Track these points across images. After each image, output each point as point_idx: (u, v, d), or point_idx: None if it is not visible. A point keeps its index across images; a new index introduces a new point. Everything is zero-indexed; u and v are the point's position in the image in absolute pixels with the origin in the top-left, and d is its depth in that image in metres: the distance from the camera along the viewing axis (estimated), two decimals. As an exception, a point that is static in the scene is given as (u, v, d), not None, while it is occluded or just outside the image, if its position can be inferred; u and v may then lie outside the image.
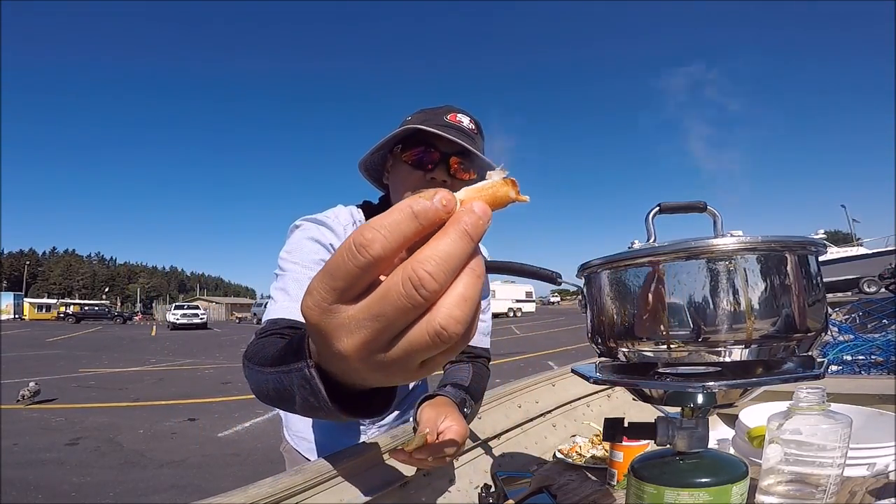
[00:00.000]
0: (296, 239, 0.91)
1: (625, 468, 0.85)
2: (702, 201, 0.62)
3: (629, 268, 0.52)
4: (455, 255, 0.24)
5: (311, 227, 0.92)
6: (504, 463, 1.02)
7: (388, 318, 0.25)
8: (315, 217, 0.94)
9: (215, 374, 9.26)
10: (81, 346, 16.17)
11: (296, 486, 0.67)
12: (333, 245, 0.90)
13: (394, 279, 0.24)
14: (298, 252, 0.88)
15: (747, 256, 0.48)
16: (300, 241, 0.89)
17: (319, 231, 0.91)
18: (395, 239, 0.24)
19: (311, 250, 0.88)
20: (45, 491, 3.45)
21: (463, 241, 0.25)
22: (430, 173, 0.90)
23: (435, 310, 0.25)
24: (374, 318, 0.25)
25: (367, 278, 0.25)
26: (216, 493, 0.61)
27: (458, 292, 0.25)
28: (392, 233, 0.24)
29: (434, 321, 0.24)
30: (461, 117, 0.93)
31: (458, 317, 0.25)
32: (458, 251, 0.24)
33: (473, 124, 0.95)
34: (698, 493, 0.51)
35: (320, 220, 0.93)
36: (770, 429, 0.64)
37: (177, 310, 30.70)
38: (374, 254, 0.24)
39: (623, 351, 0.54)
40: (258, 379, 0.56)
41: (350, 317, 0.26)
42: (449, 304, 0.25)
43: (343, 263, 0.25)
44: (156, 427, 5.25)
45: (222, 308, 58.73)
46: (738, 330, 0.47)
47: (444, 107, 0.96)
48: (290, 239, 0.92)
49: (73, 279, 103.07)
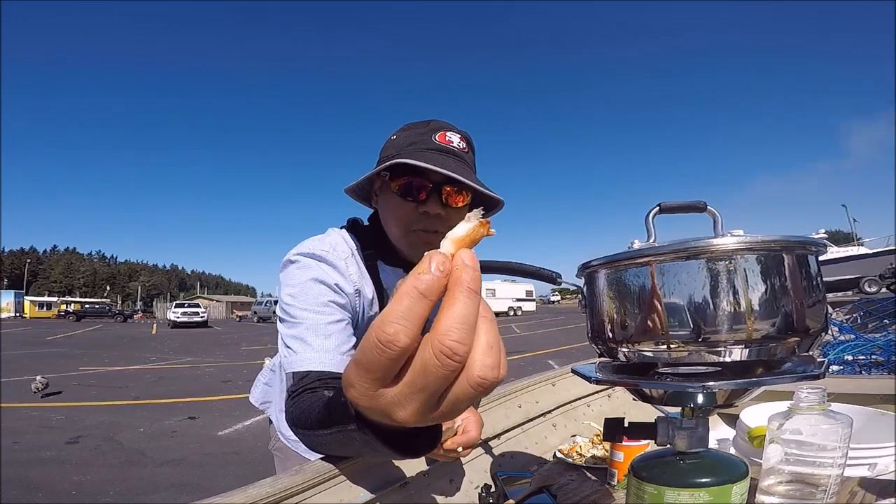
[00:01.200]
0: (298, 280, 0.84)
1: (625, 468, 0.85)
2: (702, 201, 0.62)
3: (629, 268, 0.52)
4: (470, 315, 0.27)
5: (313, 266, 0.85)
6: (504, 463, 1.02)
7: (432, 388, 0.28)
8: (313, 252, 0.87)
9: (216, 373, 9.27)
10: (82, 344, 16.19)
11: (296, 486, 0.67)
12: (339, 285, 0.84)
13: (426, 355, 0.27)
14: (305, 297, 0.82)
15: (747, 256, 0.47)
16: (304, 283, 0.83)
17: (322, 270, 0.85)
18: (414, 325, 0.27)
19: (319, 293, 0.83)
20: (45, 489, 3.45)
21: (471, 300, 0.28)
22: (423, 206, 0.84)
23: (470, 365, 0.28)
24: (421, 391, 0.29)
25: (400, 364, 0.28)
26: (216, 492, 0.62)
27: (484, 342, 0.28)
28: (411, 321, 0.27)
29: (473, 375, 0.28)
30: (451, 136, 0.87)
31: (490, 364, 0.28)
32: (470, 310, 0.27)
33: (464, 142, 0.89)
34: (699, 493, 0.51)
35: (318, 255, 0.86)
36: (770, 429, 0.64)
37: (177, 308, 30.62)
38: (402, 346, 0.27)
39: (623, 351, 0.54)
40: (316, 441, 0.65)
41: (398, 394, 0.29)
42: (481, 356, 0.28)
43: (376, 359, 0.28)
44: (156, 425, 5.26)
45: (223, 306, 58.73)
46: (738, 330, 0.47)
47: (431, 123, 0.89)
48: (290, 278, 0.85)
49: (74, 277, 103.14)
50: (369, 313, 0.92)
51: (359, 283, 0.89)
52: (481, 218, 0.33)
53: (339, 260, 0.87)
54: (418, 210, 0.85)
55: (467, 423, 0.78)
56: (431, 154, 0.83)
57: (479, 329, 0.28)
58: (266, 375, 1.25)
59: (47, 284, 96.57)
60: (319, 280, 0.84)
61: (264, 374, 1.26)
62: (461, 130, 0.90)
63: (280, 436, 1.16)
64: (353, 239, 0.94)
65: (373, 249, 0.93)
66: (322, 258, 0.86)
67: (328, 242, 0.90)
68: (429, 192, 0.84)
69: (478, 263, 0.29)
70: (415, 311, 0.27)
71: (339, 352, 0.79)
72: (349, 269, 0.88)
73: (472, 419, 0.79)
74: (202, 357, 12.02)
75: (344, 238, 0.93)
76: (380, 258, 0.93)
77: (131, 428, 5.11)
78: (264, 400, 1.24)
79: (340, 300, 0.84)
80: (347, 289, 0.86)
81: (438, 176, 0.82)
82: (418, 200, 0.85)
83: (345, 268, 0.87)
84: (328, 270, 0.85)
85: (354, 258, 0.91)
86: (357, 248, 0.93)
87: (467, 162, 0.89)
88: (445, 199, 0.85)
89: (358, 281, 0.89)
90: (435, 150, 0.85)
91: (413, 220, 0.85)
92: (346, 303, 0.85)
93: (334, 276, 0.85)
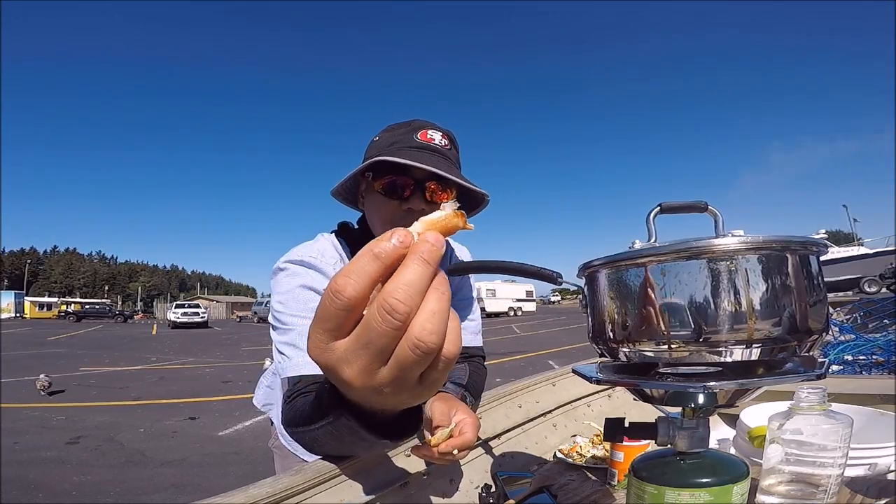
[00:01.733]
0: (287, 287, 0.86)
1: (625, 468, 0.85)
2: (703, 201, 0.62)
3: (630, 268, 0.52)
4: (418, 280, 0.28)
5: (301, 272, 0.87)
6: (504, 463, 1.02)
7: (375, 345, 0.29)
8: (301, 259, 0.88)
9: (216, 373, 9.27)
10: (82, 344, 16.19)
11: (296, 486, 0.67)
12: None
13: (371, 311, 0.29)
14: (294, 303, 0.84)
15: (748, 256, 0.47)
16: (293, 289, 0.85)
17: (310, 276, 0.87)
18: (363, 281, 0.29)
19: (307, 298, 0.85)
20: (45, 490, 3.45)
21: (422, 267, 0.29)
22: (407, 203, 0.85)
23: (410, 327, 0.29)
24: (364, 347, 0.30)
25: (350, 317, 0.30)
26: (217, 492, 0.62)
27: (428, 308, 0.29)
28: (360, 276, 0.29)
29: (411, 336, 0.28)
30: (432, 133, 0.87)
31: (430, 328, 0.28)
32: (420, 276, 0.29)
33: (446, 139, 0.90)
34: (699, 494, 0.51)
35: (307, 262, 0.88)
36: (771, 429, 0.64)
37: (177, 308, 30.64)
38: (348, 296, 0.29)
39: (624, 351, 0.54)
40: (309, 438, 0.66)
41: (345, 350, 0.31)
42: (421, 320, 0.28)
43: (326, 308, 0.30)
44: (156, 426, 5.26)
45: (223, 307, 58.77)
46: (739, 330, 0.47)
47: (413, 123, 0.90)
48: (280, 286, 0.87)
49: (74, 278, 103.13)
50: None
51: None
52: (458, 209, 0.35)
53: (328, 266, 0.89)
54: (402, 208, 0.85)
55: (463, 425, 0.77)
56: (413, 152, 0.84)
57: (429, 297, 0.29)
58: (268, 378, 1.25)
59: (47, 285, 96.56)
60: (308, 286, 0.85)
61: (266, 377, 1.27)
62: (444, 128, 0.90)
63: (280, 436, 1.16)
64: (343, 243, 0.95)
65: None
66: (310, 265, 0.88)
67: (316, 249, 0.91)
68: (412, 189, 0.84)
69: (442, 243, 0.30)
70: (366, 269, 0.29)
71: None
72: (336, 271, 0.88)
73: (468, 421, 0.79)
74: (202, 357, 12.02)
75: (332, 243, 0.94)
76: None
77: (131, 428, 5.11)
78: (266, 402, 1.24)
79: None
80: None
81: (421, 173, 0.83)
82: (402, 198, 0.85)
83: (332, 272, 0.89)
84: (316, 277, 0.87)
85: (343, 263, 0.92)
86: (346, 253, 0.94)
87: (450, 159, 0.89)
88: (430, 197, 0.85)
89: None
90: (417, 147, 0.85)
91: (397, 219, 0.86)
92: None
93: (322, 282, 0.86)
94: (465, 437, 0.76)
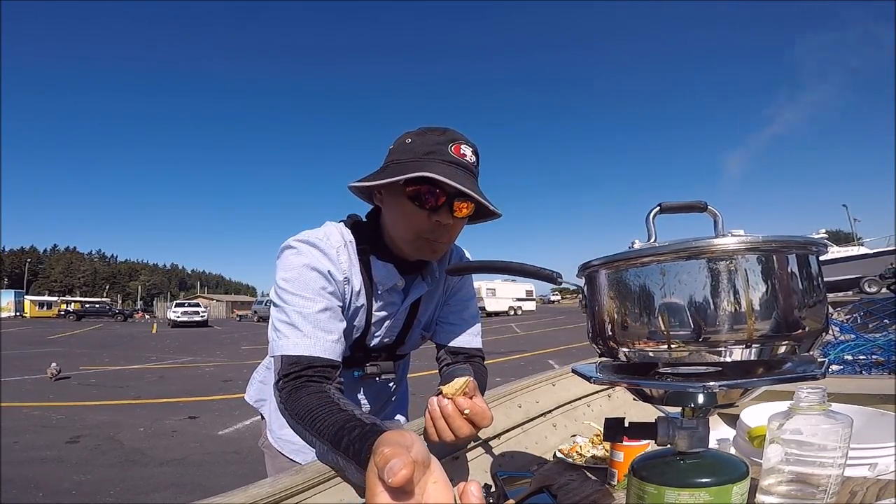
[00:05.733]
0: (292, 265, 0.88)
1: (625, 468, 0.85)
2: (702, 201, 0.62)
3: (630, 268, 0.52)
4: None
5: (306, 251, 0.89)
6: (504, 463, 1.02)
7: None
8: (308, 239, 0.91)
9: (216, 372, 9.28)
10: (82, 343, 16.20)
11: (296, 485, 0.67)
12: (331, 272, 0.89)
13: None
14: (298, 282, 0.86)
15: (748, 256, 0.47)
16: (298, 268, 0.87)
17: (314, 256, 0.89)
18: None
19: (311, 279, 0.86)
20: (45, 489, 3.45)
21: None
22: (436, 215, 0.87)
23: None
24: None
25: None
26: (217, 491, 0.62)
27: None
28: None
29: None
30: (465, 149, 0.89)
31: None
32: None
33: (475, 155, 0.92)
34: (699, 493, 0.51)
35: (313, 241, 0.90)
36: (771, 429, 0.64)
37: (177, 307, 30.64)
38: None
39: (623, 351, 0.54)
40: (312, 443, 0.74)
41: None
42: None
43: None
44: (156, 425, 5.26)
45: (223, 306, 58.76)
46: (738, 330, 0.47)
47: (447, 132, 0.91)
48: (285, 263, 0.89)
49: (74, 277, 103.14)
50: (355, 303, 0.96)
51: (348, 272, 0.93)
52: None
53: (331, 248, 0.91)
54: (430, 219, 0.88)
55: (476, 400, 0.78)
56: (450, 168, 0.86)
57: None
58: (261, 373, 1.25)
59: (47, 284, 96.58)
60: (312, 267, 0.88)
61: (259, 372, 1.26)
62: (472, 143, 0.92)
63: (269, 434, 1.16)
64: (350, 232, 0.97)
65: (367, 245, 0.96)
66: (315, 245, 0.90)
67: (323, 232, 0.95)
68: (444, 203, 0.87)
69: (482, 496, 0.41)
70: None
71: (328, 339, 0.83)
72: (340, 258, 0.92)
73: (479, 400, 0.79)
74: (202, 356, 12.02)
75: (339, 229, 0.97)
76: (373, 253, 0.96)
77: (131, 427, 5.11)
78: (259, 398, 1.24)
79: (331, 287, 0.89)
80: (338, 276, 0.90)
81: (453, 188, 0.85)
82: (432, 210, 0.87)
83: (336, 256, 0.91)
84: (320, 258, 0.89)
85: (347, 248, 0.94)
86: (352, 241, 0.96)
87: (475, 175, 0.92)
88: (455, 212, 0.88)
89: (347, 269, 0.93)
90: (451, 162, 0.87)
91: (425, 229, 0.88)
92: (336, 290, 0.90)
93: (326, 264, 0.89)
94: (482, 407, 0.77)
